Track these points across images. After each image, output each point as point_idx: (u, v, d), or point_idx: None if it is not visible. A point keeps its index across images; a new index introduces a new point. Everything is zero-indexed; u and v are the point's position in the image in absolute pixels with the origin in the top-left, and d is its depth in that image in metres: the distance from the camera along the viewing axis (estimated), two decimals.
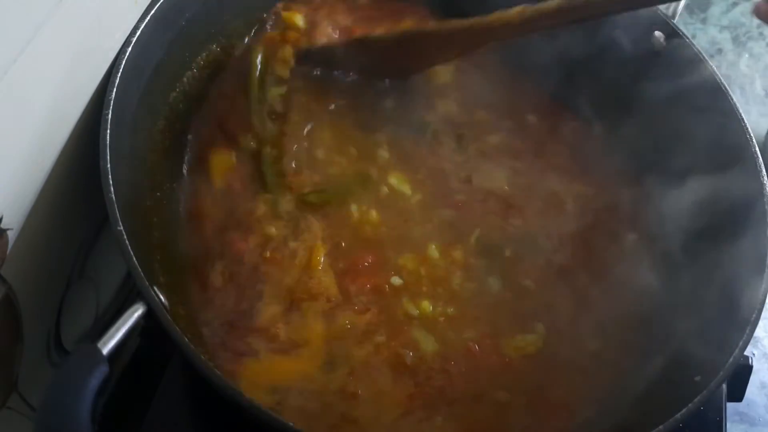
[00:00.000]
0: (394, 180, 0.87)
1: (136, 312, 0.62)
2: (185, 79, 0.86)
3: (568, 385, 0.78)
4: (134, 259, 0.64)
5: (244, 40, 0.92)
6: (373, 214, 0.84)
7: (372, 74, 0.91)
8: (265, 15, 0.92)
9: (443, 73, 0.94)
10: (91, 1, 0.66)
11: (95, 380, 0.57)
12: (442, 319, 0.79)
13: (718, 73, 0.86)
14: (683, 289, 0.81)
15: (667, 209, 0.86)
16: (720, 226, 0.76)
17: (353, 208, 0.84)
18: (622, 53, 0.92)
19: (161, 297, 0.65)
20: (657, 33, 0.89)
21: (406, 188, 0.87)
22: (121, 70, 0.72)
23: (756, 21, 1.35)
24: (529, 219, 0.87)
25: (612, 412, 0.75)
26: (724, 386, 0.80)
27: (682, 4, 0.91)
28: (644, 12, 0.89)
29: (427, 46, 0.87)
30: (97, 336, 0.60)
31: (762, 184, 0.79)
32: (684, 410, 0.65)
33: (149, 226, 0.77)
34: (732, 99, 0.84)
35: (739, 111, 0.84)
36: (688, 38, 0.88)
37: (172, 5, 0.79)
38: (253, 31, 0.92)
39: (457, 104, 0.94)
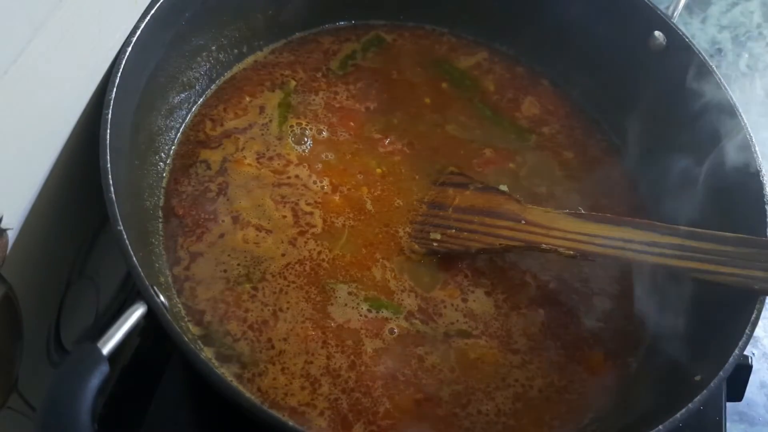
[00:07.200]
0: None
1: (136, 312, 0.62)
2: (185, 79, 0.86)
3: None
4: (134, 259, 0.64)
5: (243, 40, 0.92)
6: None
7: None
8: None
9: None
10: (91, 1, 0.66)
11: (95, 380, 0.57)
12: None
13: (718, 73, 0.86)
14: (683, 290, 0.81)
15: (666, 210, 0.86)
16: (719, 227, 0.76)
17: None
18: (620, 53, 0.92)
19: (161, 297, 0.65)
20: (656, 33, 0.89)
21: None
22: (121, 70, 0.72)
23: (756, 21, 1.35)
24: None
25: (612, 413, 0.75)
26: (724, 386, 0.80)
27: (682, 3, 0.91)
28: (644, 12, 0.89)
29: None
30: (97, 336, 0.60)
31: (762, 185, 0.79)
32: (684, 410, 0.65)
33: (149, 226, 0.77)
34: (732, 100, 0.84)
35: (739, 112, 0.84)
36: (687, 38, 0.88)
37: (172, 5, 0.79)
38: None
39: None
